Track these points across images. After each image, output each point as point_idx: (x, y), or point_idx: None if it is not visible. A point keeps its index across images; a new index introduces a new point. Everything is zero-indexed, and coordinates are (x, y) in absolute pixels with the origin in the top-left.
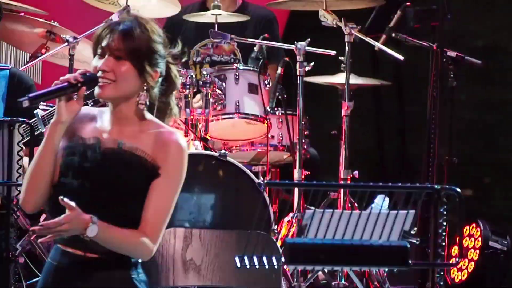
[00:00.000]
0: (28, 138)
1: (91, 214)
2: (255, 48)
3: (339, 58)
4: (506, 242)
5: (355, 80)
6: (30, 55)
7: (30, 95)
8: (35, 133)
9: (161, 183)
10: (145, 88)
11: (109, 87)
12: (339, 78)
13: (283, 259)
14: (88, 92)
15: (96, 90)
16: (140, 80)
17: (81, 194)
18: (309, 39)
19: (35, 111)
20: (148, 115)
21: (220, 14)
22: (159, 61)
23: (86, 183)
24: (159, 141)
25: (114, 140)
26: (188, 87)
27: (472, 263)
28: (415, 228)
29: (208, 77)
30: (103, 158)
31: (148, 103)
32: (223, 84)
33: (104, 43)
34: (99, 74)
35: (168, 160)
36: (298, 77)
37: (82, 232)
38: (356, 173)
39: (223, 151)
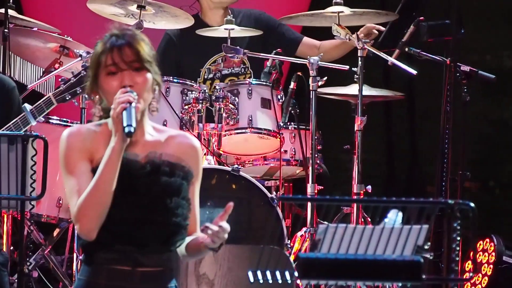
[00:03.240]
0: None
1: (145, 227)
2: (267, 63)
3: (352, 69)
4: None
5: (368, 91)
6: (43, 69)
7: (132, 124)
8: (25, 127)
9: (196, 186)
10: (155, 93)
11: (138, 100)
12: (351, 90)
13: (296, 274)
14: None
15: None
16: (153, 84)
17: (132, 212)
18: (322, 54)
19: (23, 105)
20: (146, 119)
21: (233, 29)
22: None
23: (136, 200)
24: (183, 147)
25: (147, 152)
26: (201, 101)
27: (486, 278)
28: (429, 243)
29: (221, 91)
30: (147, 172)
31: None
32: (236, 98)
33: (116, 60)
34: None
35: (198, 164)
36: (311, 92)
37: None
38: (369, 187)
39: (236, 165)
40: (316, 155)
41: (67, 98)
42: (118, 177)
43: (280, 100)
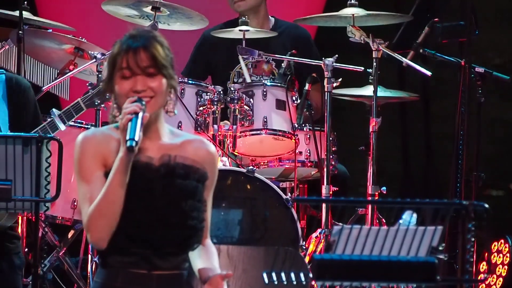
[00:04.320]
0: None
1: (160, 230)
2: (282, 64)
3: (367, 70)
4: None
5: (383, 92)
6: (58, 71)
7: (134, 138)
8: (54, 132)
9: (210, 191)
10: (171, 95)
11: (149, 104)
12: (366, 91)
13: (311, 275)
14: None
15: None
16: (168, 89)
17: (148, 215)
18: (336, 55)
19: (51, 110)
20: (162, 122)
21: (248, 30)
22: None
23: (151, 203)
24: (199, 151)
25: (161, 155)
26: (215, 103)
27: (501, 279)
28: (443, 244)
29: (236, 93)
30: (161, 174)
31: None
32: (251, 100)
33: (130, 64)
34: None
35: (214, 170)
36: (326, 93)
37: None
38: (384, 189)
39: (250, 167)
40: (331, 156)
41: (96, 103)
42: (133, 180)
43: (295, 102)
